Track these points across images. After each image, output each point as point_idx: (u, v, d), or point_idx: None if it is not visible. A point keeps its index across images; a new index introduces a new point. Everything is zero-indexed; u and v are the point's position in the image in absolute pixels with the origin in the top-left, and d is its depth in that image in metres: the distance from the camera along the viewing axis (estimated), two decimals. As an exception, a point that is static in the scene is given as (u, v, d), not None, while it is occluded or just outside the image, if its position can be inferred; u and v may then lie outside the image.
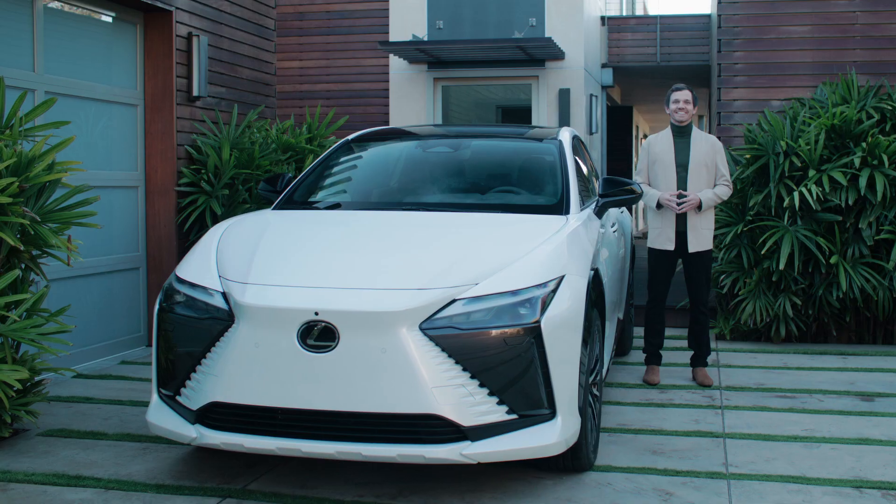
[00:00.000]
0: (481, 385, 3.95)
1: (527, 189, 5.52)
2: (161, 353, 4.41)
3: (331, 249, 4.49)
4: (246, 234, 4.74)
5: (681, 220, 6.22)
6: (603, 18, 13.03)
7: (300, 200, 5.49)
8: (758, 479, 4.53)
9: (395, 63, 11.99)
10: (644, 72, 13.44)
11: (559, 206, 5.16)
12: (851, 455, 4.89)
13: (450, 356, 3.93)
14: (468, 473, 4.55)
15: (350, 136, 6.16)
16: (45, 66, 6.63)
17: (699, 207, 6.14)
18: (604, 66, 13.11)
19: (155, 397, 4.48)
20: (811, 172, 7.27)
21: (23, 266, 5.19)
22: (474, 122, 12.89)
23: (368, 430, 3.98)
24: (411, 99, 11.98)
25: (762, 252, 7.43)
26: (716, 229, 7.74)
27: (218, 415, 4.16)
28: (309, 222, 4.97)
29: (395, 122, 11.97)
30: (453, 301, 4.01)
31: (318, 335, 3.95)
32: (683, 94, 6.27)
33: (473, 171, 5.69)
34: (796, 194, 7.17)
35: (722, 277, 7.82)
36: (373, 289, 4.02)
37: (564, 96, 11.43)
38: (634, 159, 17.83)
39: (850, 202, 7.18)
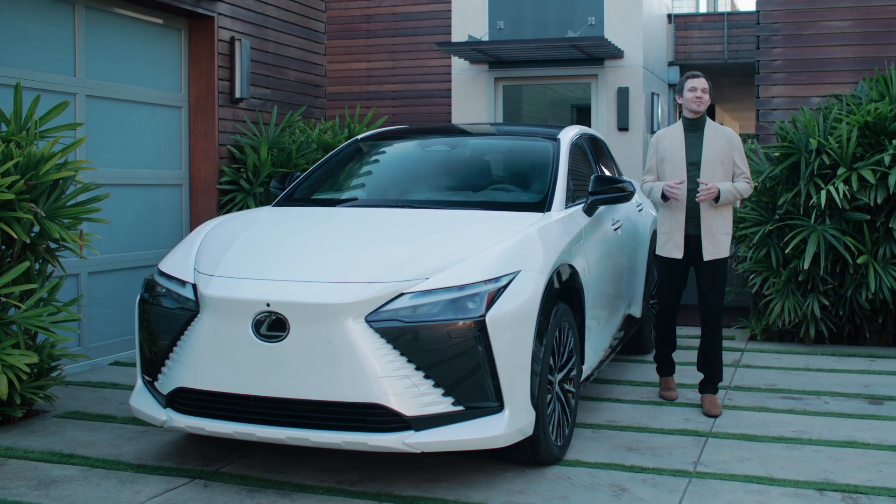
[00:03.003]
0: (426, 376, 4.08)
1: (516, 186, 5.61)
2: (142, 341, 4.68)
3: (297, 244, 4.69)
4: (230, 229, 4.98)
5: (692, 224, 5.60)
6: (670, 16, 12.91)
7: (300, 197, 5.72)
8: (721, 478, 4.52)
9: (457, 63, 12.16)
10: (711, 69, 13.24)
11: (541, 204, 5.24)
12: (830, 458, 4.82)
13: (395, 348, 4.07)
14: (432, 463, 4.68)
15: (359, 136, 6.36)
16: (87, 72, 7.03)
17: (716, 200, 5.50)
18: (670, 64, 12.99)
19: (139, 382, 4.76)
20: (840, 170, 7.10)
21: (41, 260, 5.55)
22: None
23: (317, 417, 4.16)
24: (473, 98, 12.13)
25: (786, 251, 7.30)
26: (745, 228, 7.64)
27: (184, 399, 4.41)
28: (293, 219, 5.17)
29: (457, 121, 12.13)
30: (401, 294, 4.15)
31: (271, 325, 4.15)
32: (701, 82, 5.65)
33: (467, 170, 5.81)
34: (823, 193, 7.02)
35: (751, 277, 7.70)
36: (323, 282, 4.20)
37: (623, 95, 11.39)
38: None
39: (880, 201, 6.98)
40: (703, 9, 15.74)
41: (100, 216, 6.75)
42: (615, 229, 6.12)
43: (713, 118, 17.96)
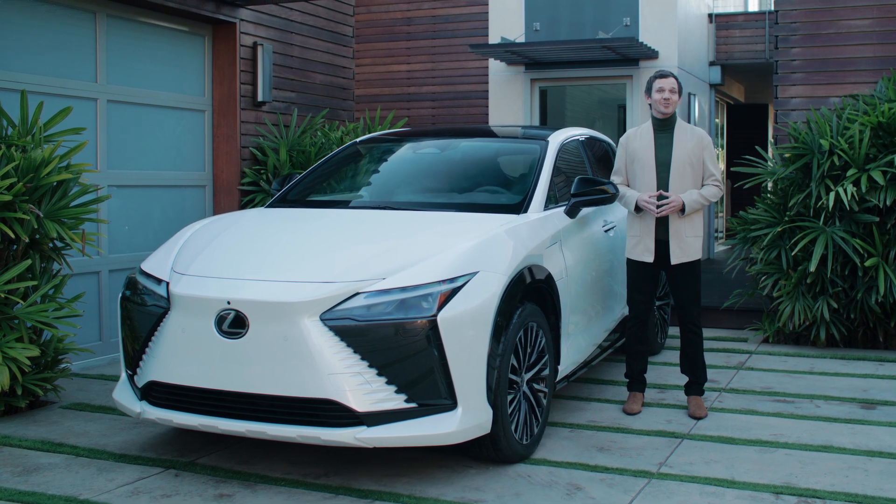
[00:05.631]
0: (379, 374, 4.20)
1: (501, 188, 5.68)
2: (125, 337, 4.89)
3: (269, 245, 4.84)
4: (213, 230, 5.17)
5: (662, 228, 5.52)
6: (711, 16, 12.78)
7: (292, 199, 5.88)
8: (682, 479, 4.53)
9: (494, 65, 12.23)
10: (754, 69, 13.07)
11: (518, 206, 5.31)
12: (801, 462, 4.79)
13: (348, 346, 4.19)
14: (401, 459, 4.79)
15: (358, 139, 6.51)
16: (108, 78, 7.32)
17: (682, 211, 5.47)
18: (712, 64, 12.85)
19: (122, 376, 4.98)
20: (850, 171, 7.00)
21: (47, 258, 5.82)
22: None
23: (275, 411, 4.31)
24: (509, 100, 12.19)
25: (792, 253, 7.22)
26: (756, 229, 7.57)
27: (156, 392, 4.61)
28: (275, 220, 5.33)
29: (494, 122, 12.21)
30: (356, 294, 4.27)
31: (232, 322, 4.32)
32: (669, 82, 5.54)
33: (454, 172, 5.90)
34: (832, 194, 6.93)
35: (763, 279, 7.64)
36: (281, 281, 4.35)
37: (657, 95, 11.32)
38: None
39: (889, 202, 6.86)
40: (753, 7, 15.50)
41: (126, 217, 7.07)
42: (606, 231, 6.14)
43: (766, 119, 17.67)
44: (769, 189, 7.74)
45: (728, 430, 5.35)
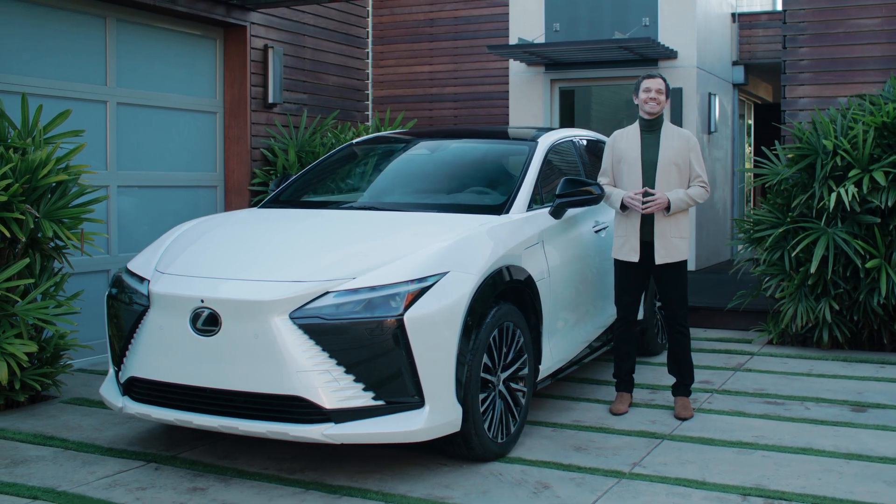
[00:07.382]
0: (347, 372, 4.27)
1: (488, 188, 5.73)
2: (111, 335, 5.03)
3: (249, 244, 4.94)
4: (200, 229, 5.28)
5: (647, 229, 5.54)
6: (734, 15, 12.69)
7: (285, 199, 5.99)
8: (651, 480, 4.55)
9: (515, 66, 12.28)
10: (777, 68, 12.95)
11: (500, 207, 5.35)
12: (777, 464, 4.78)
13: (316, 343, 4.28)
14: (379, 456, 4.87)
15: (353, 140, 6.60)
16: (118, 81, 7.49)
17: (667, 209, 5.47)
18: (735, 63, 12.77)
19: (110, 372, 5.11)
20: (851, 172, 6.94)
21: (48, 257, 5.98)
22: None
23: (247, 407, 4.41)
24: (529, 100, 12.22)
25: (793, 254, 7.17)
26: (760, 230, 7.53)
27: (137, 388, 4.74)
28: (262, 220, 5.41)
29: (515, 123, 12.25)
30: (326, 293, 4.36)
31: (206, 320, 4.42)
32: (656, 83, 5.57)
33: (443, 173, 5.96)
34: (833, 195, 6.87)
35: (766, 279, 7.59)
36: (253, 280, 4.45)
37: (676, 96, 11.30)
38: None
39: (891, 203, 6.78)
40: (780, 6, 15.33)
41: (139, 217, 7.22)
42: (596, 231, 6.16)
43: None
44: (772, 189, 7.69)
45: (710, 432, 5.34)
